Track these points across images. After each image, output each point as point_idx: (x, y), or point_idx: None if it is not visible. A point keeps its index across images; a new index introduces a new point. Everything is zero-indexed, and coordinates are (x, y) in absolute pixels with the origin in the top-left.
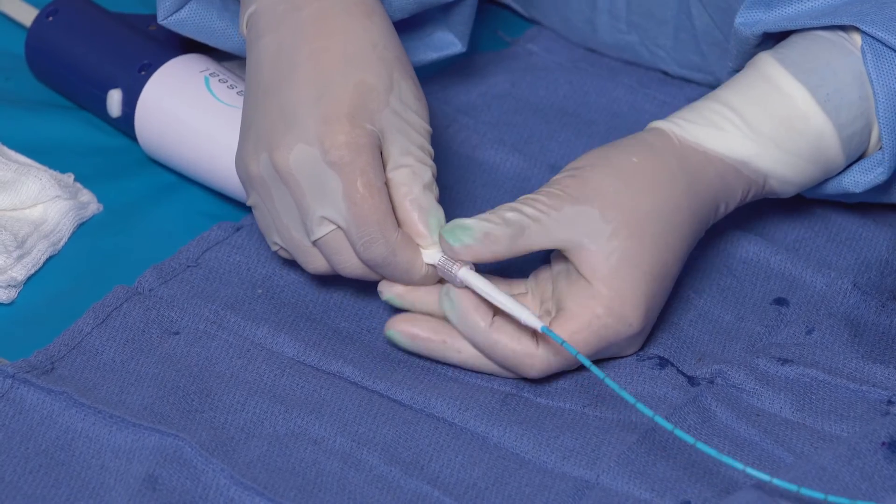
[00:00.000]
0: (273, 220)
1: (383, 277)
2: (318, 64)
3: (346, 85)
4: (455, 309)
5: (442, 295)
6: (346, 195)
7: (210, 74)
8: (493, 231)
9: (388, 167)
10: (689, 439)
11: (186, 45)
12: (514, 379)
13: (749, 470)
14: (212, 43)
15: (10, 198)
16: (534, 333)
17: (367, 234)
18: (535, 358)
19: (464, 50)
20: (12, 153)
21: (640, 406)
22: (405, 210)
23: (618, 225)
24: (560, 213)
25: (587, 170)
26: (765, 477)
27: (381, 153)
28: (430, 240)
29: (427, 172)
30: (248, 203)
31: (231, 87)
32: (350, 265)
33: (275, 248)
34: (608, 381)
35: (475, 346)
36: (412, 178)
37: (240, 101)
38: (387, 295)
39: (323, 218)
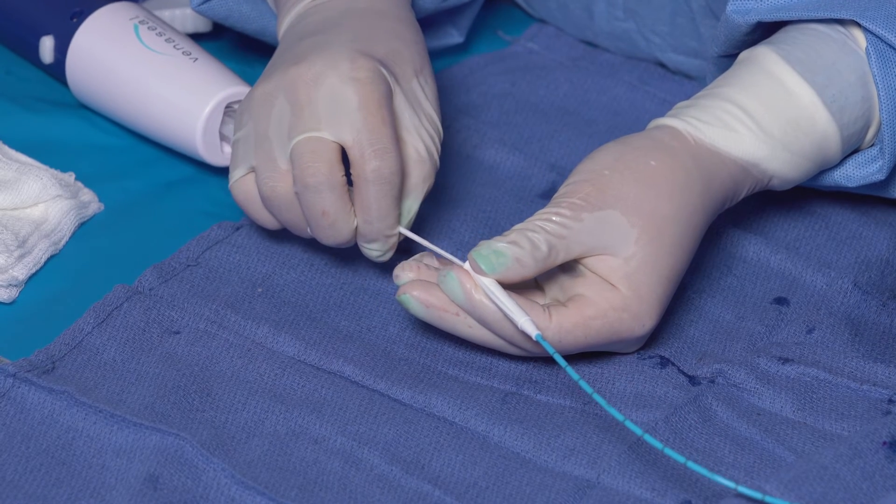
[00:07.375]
0: (256, 141)
1: (339, 216)
2: (364, 21)
3: (384, 43)
4: (457, 290)
5: (441, 277)
6: (362, 105)
7: (139, 22)
8: (522, 257)
9: None
10: (680, 458)
11: None
12: (514, 375)
13: (741, 489)
14: (242, 29)
15: (11, 197)
16: (544, 309)
17: (381, 142)
18: (547, 331)
19: (461, 41)
20: (13, 152)
21: (628, 424)
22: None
23: (640, 229)
24: (584, 223)
25: (604, 175)
26: (756, 495)
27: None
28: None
29: (427, 166)
30: (235, 137)
31: (160, 34)
32: (322, 175)
33: (235, 178)
34: (597, 396)
35: (484, 324)
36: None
37: (168, 48)
38: (403, 280)
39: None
